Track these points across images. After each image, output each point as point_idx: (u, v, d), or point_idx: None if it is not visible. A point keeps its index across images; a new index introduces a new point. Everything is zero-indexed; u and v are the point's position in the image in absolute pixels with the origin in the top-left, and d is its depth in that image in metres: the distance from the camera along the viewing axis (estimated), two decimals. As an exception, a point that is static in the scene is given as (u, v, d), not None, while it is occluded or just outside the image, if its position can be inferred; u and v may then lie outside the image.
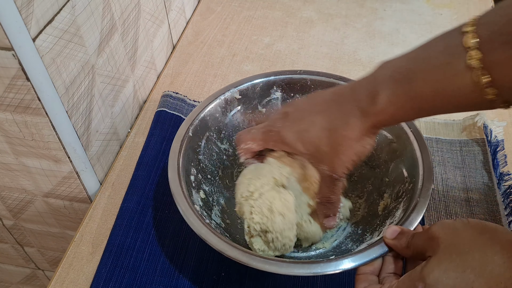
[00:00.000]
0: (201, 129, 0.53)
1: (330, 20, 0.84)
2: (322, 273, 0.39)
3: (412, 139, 0.49)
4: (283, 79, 0.57)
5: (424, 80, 0.35)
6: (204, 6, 0.88)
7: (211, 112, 0.54)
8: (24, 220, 0.63)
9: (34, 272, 0.77)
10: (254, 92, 0.57)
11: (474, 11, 0.84)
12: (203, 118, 0.53)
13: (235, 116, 0.56)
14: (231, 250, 0.40)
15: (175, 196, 0.44)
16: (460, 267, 0.32)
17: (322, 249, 0.49)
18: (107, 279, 0.47)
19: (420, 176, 0.46)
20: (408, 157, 0.49)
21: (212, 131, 0.54)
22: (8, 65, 0.40)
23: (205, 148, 0.53)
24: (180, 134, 0.50)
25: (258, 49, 0.78)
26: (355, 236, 0.49)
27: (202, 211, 0.46)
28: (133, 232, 0.51)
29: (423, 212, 0.42)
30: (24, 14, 0.39)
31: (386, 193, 0.50)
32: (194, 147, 0.51)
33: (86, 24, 0.48)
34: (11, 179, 0.55)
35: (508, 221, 0.51)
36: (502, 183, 0.54)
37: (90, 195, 0.56)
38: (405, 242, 0.38)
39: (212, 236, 0.41)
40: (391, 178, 0.50)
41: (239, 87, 0.56)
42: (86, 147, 0.53)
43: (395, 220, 0.44)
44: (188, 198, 0.45)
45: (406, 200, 0.45)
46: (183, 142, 0.50)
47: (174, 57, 0.76)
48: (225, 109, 0.56)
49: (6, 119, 0.46)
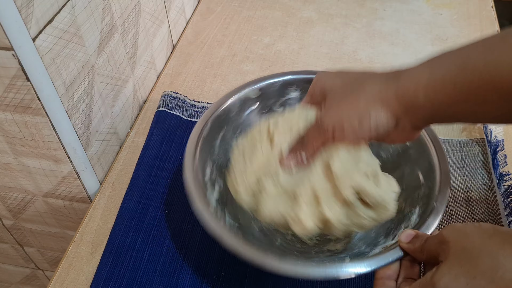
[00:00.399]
0: (218, 127, 0.52)
1: (330, 20, 0.84)
2: (341, 276, 0.38)
3: (429, 142, 0.48)
4: (302, 79, 0.55)
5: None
6: (204, 6, 0.88)
7: (228, 110, 0.53)
8: (24, 220, 0.63)
9: (34, 272, 0.77)
10: (272, 91, 0.55)
11: (474, 11, 0.84)
12: (218, 116, 0.52)
13: (251, 115, 0.55)
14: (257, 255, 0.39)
15: (192, 198, 0.43)
16: (470, 273, 0.31)
17: (334, 251, 0.48)
18: (107, 279, 0.47)
19: (437, 180, 0.45)
20: (424, 161, 0.48)
21: (228, 129, 0.53)
22: (8, 65, 0.40)
23: (220, 146, 0.52)
24: (196, 132, 0.49)
25: (258, 49, 0.78)
26: (368, 238, 0.48)
27: (216, 211, 0.45)
28: (133, 232, 0.51)
29: (440, 217, 0.41)
30: (24, 14, 0.39)
31: (400, 198, 0.48)
32: (210, 146, 0.51)
33: (86, 24, 0.48)
34: (11, 179, 0.55)
35: (508, 221, 0.51)
36: (502, 183, 0.54)
37: (90, 195, 0.56)
38: (419, 246, 0.38)
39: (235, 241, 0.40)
40: (406, 183, 0.49)
41: (258, 84, 0.55)
42: (86, 147, 0.53)
43: (411, 224, 0.43)
44: (203, 198, 0.44)
45: (423, 205, 0.45)
46: (199, 140, 0.49)
47: (174, 57, 0.76)
48: (242, 107, 0.54)
49: (6, 119, 0.46)
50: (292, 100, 0.56)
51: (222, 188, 0.50)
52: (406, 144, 0.51)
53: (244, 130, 0.53)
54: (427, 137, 0.49)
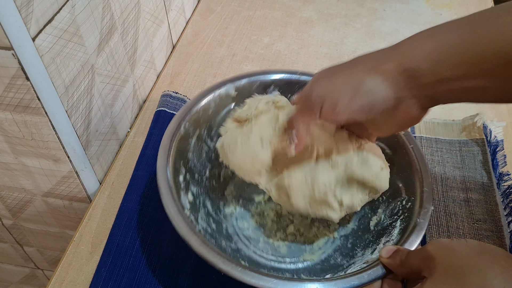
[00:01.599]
0: (193, 126, 0.50)
1: (329, 20, 0.84)
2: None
3: (412, 156, 0.47)
4: (281, 79, 0.54)
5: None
6: (203, 6, 0.88)
7: (204, 108, 0.51)
8: (24, 220, 0.63)
9: (34, 271, 0.77)
10: (250, 90, 0.53)
11: (474, 11, 0.83)
12: (196, 114, 0.50)
13: (228, 114, 0.53)
14: (223, 262, 0.38)
15: (164, 200, 0.42)
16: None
17: (309, 261, 0.48)
18: (106, 278, 0.47)
19: (419, 195, 0.44)
20: (406, 174, 0.47)
21: (203, 128, 0.51)
22: (7, 65, 0.40)
23: (195, 146, 0.50)
24: (171, 129, 0.47)
25: (258, 49, 0.78)
26: (344, 249, 0.48)
27: (191, 214, 0.44)
28: (133, 232, 0.51)
29: (422, 234, 0.41)
30: (24, 13, 0.39)
31: (380, 208, 0.48)
32: (184, 145, 0.49)
33: (86, 24, 0.48)
34: (10, 178, 0.55)
35: (507, 221, 0.51)
36: (502, 183, 0.54)
37: (90, 194, 0.56)
38: (399, 260, 0.37)
39: (204, 247, 0.39)
40: (386, 193, 0.48)
41: (235, 82, 0.52)
42: (85, 146, 0.53)
43: (393, 239, 0.43)
44: (178, 201, 0.42)
45: (404, 219, 0.44)
46: (173, 139, 0.47)
47: (173, 56, 0.76)
48: (219, 106, 0.52)
49: (6, 119, 0.46)
50: None
51: (196, 190, 0.49)
52: (387, 151, 0.49)
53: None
54: (411, 150, 0.48)
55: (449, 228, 0.51)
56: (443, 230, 0.51)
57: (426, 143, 0.60)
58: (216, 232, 0.48)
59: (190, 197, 0.47)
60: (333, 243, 0.50)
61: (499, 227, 0.50)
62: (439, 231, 0.51)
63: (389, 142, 0.50)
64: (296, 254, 0.49)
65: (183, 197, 0.45)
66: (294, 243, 0.50)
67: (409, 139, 0.49)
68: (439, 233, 0.51)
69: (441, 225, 0.51)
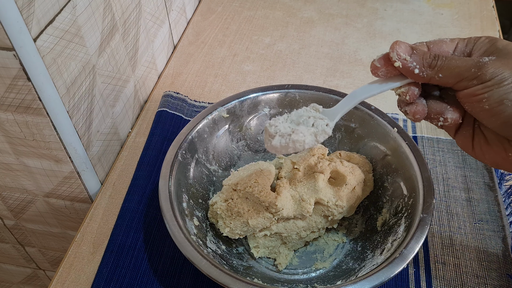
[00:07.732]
0: (190, 152, 0.51)
1: (330, 20, 0.84)
2: None
3: (408, 152, 0.48)
4: (271, 97, 0.55)
5: None
6: (204, 6, 0.88)
7: (199, 133, 0.52)
8: (25, 220, 0.63)
9: (35, 272, 0.77)
10: (241, 110, 0.55)
11: (475, 10, 0.84)
12: (191, 140, 0.51)
13: (223, 136, 0.54)
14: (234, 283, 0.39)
15: (170, 228, 0.43)
16: None
17: (322, 269, 0.48)
18: (108, 279, 0.47)
19: (420, 191, 0.44)
20: (405, 172, 0.48)
21: (201, 153, 0.52)
22: (9, 65, 0.40)
23: (194, 171, 0.51)
24: (169, 158, 0.48)
25: (259, 49, 0.78)
26: (355, 253, 0.48)
27: (198, 239, 0.44)
28: (134, 232, 0.51)
29: (427, 229, 0.41)
30: (25, 14, 0.39)
31: (384, 208, 0.49)
32: (184, 172, 0.49)
33: (87, 24, 0.48)
34: (12, 179, 0.55)
35: (509, 221, 0.51)
36: (503, 183, 0.54)
37: (91, 195, 0.56)
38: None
39: (214, 269, 0.40)
40: (389, 192, 0.49)
41: (226, 105, 0.54)
42: (87, 147, 0.53)
43: (398, 237, 0.43)
44: (184, 228, 0.43)
45: (408, 216, 0.44)
46: (173, 167, 0.48)
47: (174, 57, 0.76)
48: (213, 129, 0.53)
49: (7, 119, 0.46)
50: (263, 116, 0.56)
51: (201, 215, 0.49)
52: (386, 152, 0.50)
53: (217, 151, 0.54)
54: (407, 147, 0.48)
55: (450, 228, 0.51)
56: (444, 230, 0.51)
57: (427, 143, 0.60)
58: (226, 253, 0.48)
59: (196, 221, 0.47)
60: (343, 248, 0.50)
61: (501, 226, 0.50)
62: (441, 231, 0.51)
63: (385, 142, 0.51)
64: (308, 264, 0.49)
65: (188, 223, 0.45)
66: (304, 253, 0.51)
67: (403, 135, 0.49)
68: (441, 233, 0.50)
69: (442, 225, 0.51)
